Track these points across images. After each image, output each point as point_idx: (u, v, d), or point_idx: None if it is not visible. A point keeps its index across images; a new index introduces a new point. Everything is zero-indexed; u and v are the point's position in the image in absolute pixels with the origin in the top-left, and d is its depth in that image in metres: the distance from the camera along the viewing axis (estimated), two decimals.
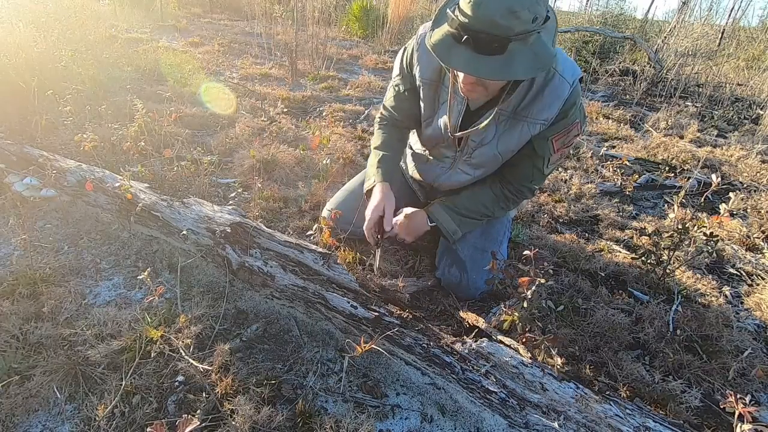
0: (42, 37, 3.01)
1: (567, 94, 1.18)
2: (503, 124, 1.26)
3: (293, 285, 1.26)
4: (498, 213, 1.43)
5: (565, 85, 1.17)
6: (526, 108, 1.21)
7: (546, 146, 1.27)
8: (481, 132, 1.27)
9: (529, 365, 1.06)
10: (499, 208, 1.41)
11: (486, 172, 1.45)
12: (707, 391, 1.23)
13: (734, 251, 1.98)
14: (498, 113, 1.22)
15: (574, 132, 1.26)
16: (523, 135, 1.26)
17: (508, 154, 1.33)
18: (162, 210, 1.53)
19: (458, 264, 1.44)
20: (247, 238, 1.39)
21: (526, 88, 1.19)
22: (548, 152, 1.27)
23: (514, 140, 1.28)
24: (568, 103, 1.19)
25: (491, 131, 1.28)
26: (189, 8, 7.99)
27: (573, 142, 1.28)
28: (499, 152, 1.33)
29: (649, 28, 7.16)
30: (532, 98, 1.19)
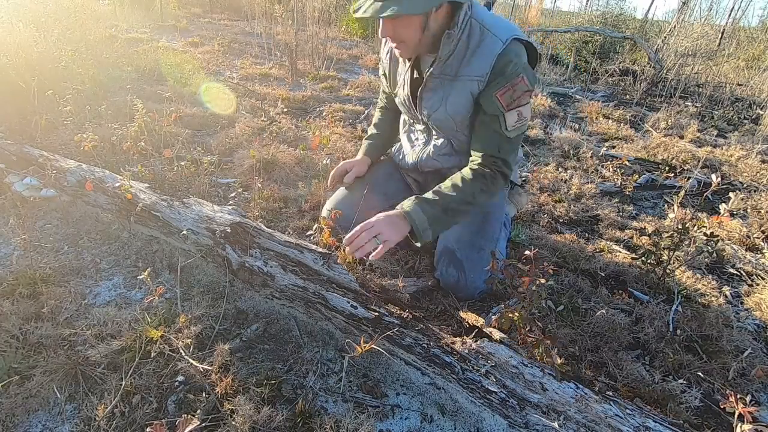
0: (42, 37, 3.01)
1: (499, 49, 1.23)
2: (447, 87, 1.34)
3: (293, 285, 1.26)
4: (479, 197, 1.32)
5: (497, 42, 1.24)
6: (464, 68, 1.29)
7: (493, 103, 1.28)
8: (429, 97, 1.39)
9: (529, 365, 1.06)
10: (478, 189, 1.31)
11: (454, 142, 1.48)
12: (707, 391, 1.23)
13: (734, 251, 1.98)
14: (440, 77, 1.33)
15: (521, 87, 1.26)
16: (464, 94, 1.32)
17: (459, 116, 1.37)
18: (162, 210, 1.53)
19: (456, 264, 1.44)
20: (247, 238, 1.39)
21: (464, 50, 1.28)
22: (498, 109, 1.27)
23: (457, 100, 1.34)
24: (502, 59, 1.24)
25: (438, 95, 1.36)
26: (189, 8, 7.99)
27: (523, 99, 1.27)
28: (449, 115, 1.38)
29: (649, 28, 7.17)
30: (468, 58, 1.28)
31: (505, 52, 1.23)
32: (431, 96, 1.38)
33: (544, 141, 3.23)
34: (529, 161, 2.86)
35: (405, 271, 1.62)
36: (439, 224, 1.27)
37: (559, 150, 3.03)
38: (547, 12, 10.29)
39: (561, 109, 4.14)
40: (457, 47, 1.27)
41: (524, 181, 2.49)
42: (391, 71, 1.53)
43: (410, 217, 1.23)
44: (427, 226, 1.24)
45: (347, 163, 1.68)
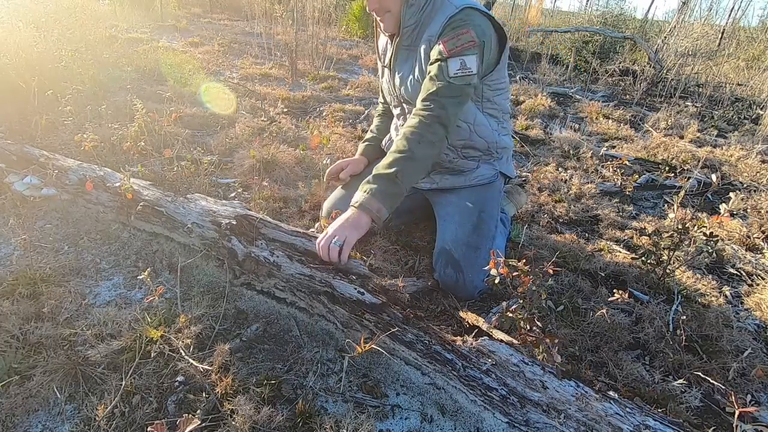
0: (42, 37, 3.01)
1: (451, 12, 1.32)
2: (413, 55, 1.45)
3: (300, 274, 1.26)
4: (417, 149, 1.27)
5: (451, 6, 1.33)
6: (422, 32, 1.41)
7: (437, 50, 1.32)
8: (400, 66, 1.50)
9: (530, 363, 1.06)
10: (416, 143, 1.27)
11: None
12: (707, 391, 1.23)
13: (734, 251, 1.98)
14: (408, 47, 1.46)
15: (465, 37, 1.29)
16: (423, 56, 1.41)
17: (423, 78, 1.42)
18: (166, 205, 1.53)
19: (453, 264, 1.44)
20: (252, 230, 1.39)
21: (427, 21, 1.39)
22: (441, 54, 1.30)
23: (417, 65, 1.44)
24: (453, 18, 1.31)
25: (408, 64, 1.47)
26: (189, 8, 7.99)
27: (467, 47, 1.29)
28: (416, 79, 1.45)
29: (649, 28, 7.17)
30: (426, 25, 1.39)
31: (458, 15, 1.31)
32: (401, 66, 1.49)
33: (544, 141, 3.23)
34: (529, 161, 2.86)
35: (405, 271, 1.62)
36: (391, 198, 1.26)
37: (559, 150, 3.03)
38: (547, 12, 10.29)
39: (561, 109, 4.14)
40: (421, 19, 1.39)
41: (524, 181, 2.49)
42: (382, 56, 1.63)
43: (363, 209, 1.24)
44: (380, 205, 1.24)
45: (343, 161, 1.73)
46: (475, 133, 1.55)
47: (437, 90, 1.31)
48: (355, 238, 1.23)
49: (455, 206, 1.56)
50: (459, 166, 1.61)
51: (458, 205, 1.56)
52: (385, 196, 1.25)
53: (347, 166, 1.71)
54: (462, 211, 1.53)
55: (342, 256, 1.21)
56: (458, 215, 1.53)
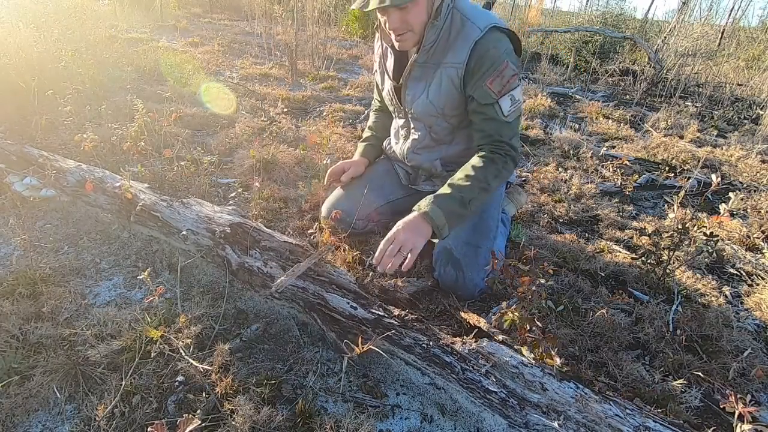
0: (42, 37, 3.01)
1: (477, 36, 1.27)
2: (430, 75, 1.39)
3: (293, 285, 1.26)
4: (494, 182, 1.33)
5: (475, 29, 1.28)
6: (443, 55, 1.35)
7: (485, 92, 1.31)
8: (413, 85, 1.44)
9: (529, 365, 1.06)
10: (491, 174, 1.32)
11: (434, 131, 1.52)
12: (707, 391, 1.23)
13: (734, 251, 1.98)
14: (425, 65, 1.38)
15: (508, 72, 1.30)
16: (444, 80, 1.37)
17: (440, 103, 1.41)
18: (162, 210, 1.53)
19: (453, 263, 1.44)
20: (246, 239, 1.39)
21: (446, 38, 1.33)
22: (491, 98, 1.31)
23: (439, 87, 1.39)
24: (481, 46, 1.28)
25: (422, 84, 1.42)
26: (189, 8, 7.99)
27: (512, 82, 1.32)
28: (430, 101, 1.42)
29: (649, 28, 7.17)
30: (449, 46, 1.33)
31: (484, 39, 1.28)
32: (415, 84, 1.43)
33: (544, 141, 3.23)
34: (529, 161, 2.86)
35: (404, 271, 1.61)
36: (457, 218, 1.29)
37: (559, 150, 3.03)
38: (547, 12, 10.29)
39: (561, 109, 4.14)
40: (439, 36, 1.32)
41: (524, 181, 2.49)
42: (382, 64, 1.58)
43: (429, 217, 1.25)
44: (445, 222, 1.26)
45: (345, 163, 1.71)
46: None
47: (501, 131, 1.34)
48: (421, 247, 1.23)
49: None
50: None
51: None
52: (452, 216, 1.27)
53: (349, 168, 1.69)
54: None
55: (407, 264, 1.20)
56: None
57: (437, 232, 1.26)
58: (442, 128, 1.49)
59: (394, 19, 1.26)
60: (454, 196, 1.28)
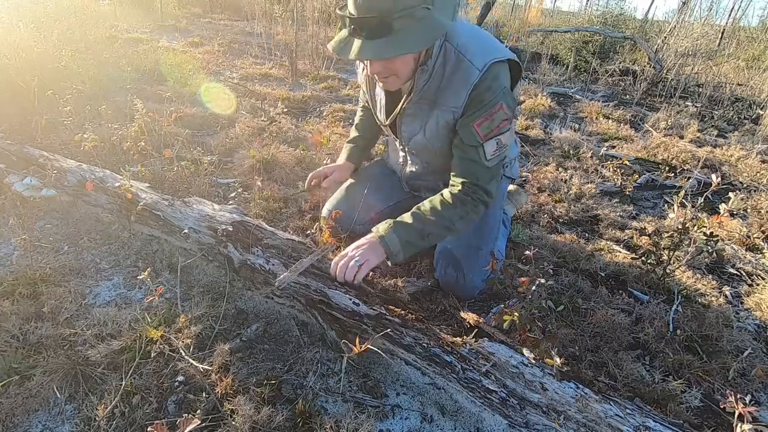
0: (42, 37, 3.01)
1: (475, 79, 1.18)
2: (426, 115, 1.31)
3: (295, 282, 1.26)
4: (458, 224, 1.30)
5: (473, 70, 1.18)
6: (441, 95, 1.25)
7: (471, 134, 1.24)
8: (408, 123, 1.36)
9: (530, 365, 1.06)
10: (457, 216, 1.29)
11: (431, 165, 1.49)
12: (707, 391, 1.23)
13: (734, 251, 1.98)
14: (419, 102, 1.29)
15: (499, 116, 1.22)
16: (440, 123, 1.30)
17: (437, 143, 1.36)
18: (163, 209, 1.53)
19: (454, 264, 1.44)
20: (248, 236, 1.39)
21: (440, 77, 1.23)
22: (475, 140, 1.24)
23: (435, 129, 1.32)
24: (479, 87, 1.19)
25: (417, 123, 1.34)
26: (189, 8, 7.99)
27: (502, 127, 1.24)
28: (427, 140, 1.36)
29: (649, 28, 7.16)
30: (445, 86, 1.24)
31: (483, 81, 1.19)
32: (410, 122, 1.36)
33: (544, 141, 3.23)
34: (529, 161, 2.86)
35: (405, 271, 1.62)
36: (412, 248, 1.27)
37: (559, 150, 3.03)
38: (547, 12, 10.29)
39: (561, 109, 4.14)
40: (432, 75, 1.23)
41: (524, 181, 2.49)
42: (370, 90, 1.48)
43: (384, 242, 1.24)
44: (400, 249, 1.24)
45: (328, 168, 1.67)
46: None
47: (478, 175, 1.29)
48: (374, 264, 1.23)
49: None
50: None
51: None
52: (407, 246, 1.25)
53: (332, 172, 1.65)
54: None
55: (358, 276, 1.21)
56: None
57: (390, 257, 1.25)
58: (441, 162, 1.44)
59: (376, 66, 1.16)
60: (415, 228, 1.26)
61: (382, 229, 1.26)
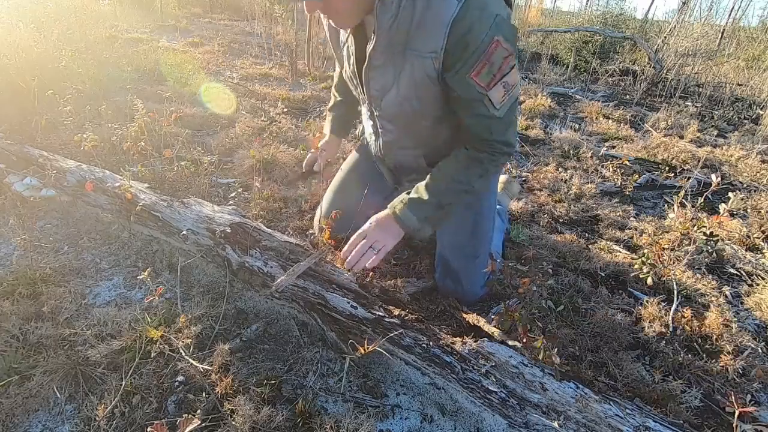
0: (42, 37, 3.01)
1: (452, 13, 0.95)
2: (399, 63, 1.08)
3: (293, 285, 1.26)
4: (477, 183, 1.16)
5: (449, 4, 0.95)
6: (413, 39, 1.03)
7: (469, 86, 1.03)
8: (377, 76, 1.13)
9: (529, 365, 1.06)
10: (476, 175, 1.15)
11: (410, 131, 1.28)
12: (707, 391, 1.23)
13: (734, 251, 1.98)
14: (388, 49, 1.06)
15: (498, 54, 0.99)
16: (416, 73, 1.07)
17: (414, 101, 1.14)
18: (162, 210, 1.53)
19: (452, 276, 1.41)
20: (247, 239, 1.39)
21: (410, 16, 1.00)
22: (476, 92, 1.04)
23: (411, 80, 1.09)
24: (460, 25, 0.95)
25: (389, 73, 1.11)
26: (189, 8, 7.99)
27: (504, 67, 1.02)
28: (402, 98, 1.14)
29: (649, 28, 7.16)
30: (416, 26, 1.01)
31: (462, 15, 0.95)
32: (380, 75, 1.13)
33: (544, 141, 3.23)
34: (529, 161, 2.86)
35: (405, 271, 1.62)
36: (433, 221, 1.18)
37: (559, 150, 3.03)
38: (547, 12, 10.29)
39: (561, 109, 4.14)
40: (399, 12, 1.00)
41: (524, 181, 2.49)
42: (333, 40, 1.26)
43: (400, 221, 1.16)
44: (419, 226, 1.15)
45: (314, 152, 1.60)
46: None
47: (490, 128, 1.11)
48: (392, 246, 1.15)
49: None
50: None
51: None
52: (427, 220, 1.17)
53: (322, 153, 1.56)
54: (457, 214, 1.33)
55: (373, 261, 1.14)
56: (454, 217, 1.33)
57: (413, 234, 1.17)
58: (422, 127, 1.24)
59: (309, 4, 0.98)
60: (430, 202, 1.15)
61: (397, 207, 1.17)
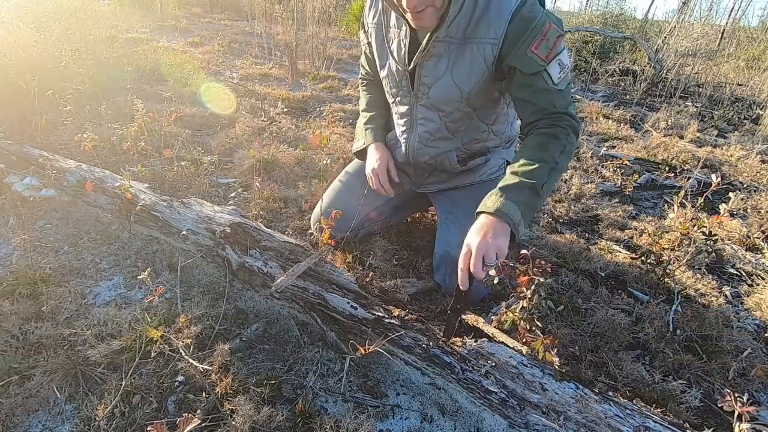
0: (42, 37, 3.01)
1: (514, 5, 1.11)
2: (454, 52, 1.20)
3: (293, 285, 1.26)
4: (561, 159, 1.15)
5: None
6: (474, 29, 1.16)
7: (530, 59, 1.13)
8: (431, 65, 1.24)
9: (529, 365, 1.06)
10: (557, 151, 1.14)
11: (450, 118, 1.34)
12: (707, 391, 1.23)
13: (734, 251, 1.98)
14: (447, 40, 1.18)
15: (553, 33, 1.12)
16: (475, 59, 1.19)
17: (469, 83, 1.24)
18: (162, 210, 1.53)
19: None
20: (246, 239, 1.39)
21: (471, 8, 1.14)
22: (537, 65, 1.13)
23: (467, 66, 1.20)
24: (520, 14, 1.11)
25: (443, 62, 1.22)
26: (189, 8, 7.99)
27: (558, 44, 1.13)
28: (455, 83, 1.24)
29: (649, 28, 7.16)
30: (478, 18, 1.14)
31: (522, 7, 1.11)
32: (434, 64, 1.23)
33: None
34: None
35: (405, 271, 1.62)
36: (531, 209, 1.11)
37: None
38: None
39: None
40: (464, 5, 1.12)
41: None
42: (378, 41, 1.36)
43: (503, 215, 1.06)
44: (521, 218, 1.07)
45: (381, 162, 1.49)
46: (492, 133, 1.45)
47: (554, 102, 1.17)
48: (506, 247, 1.05)
49: (460, 206, 1.47)
50: (468, 165, 1.50)
51: (463, 205, 1.44)
52: (527, 209, 1.09)
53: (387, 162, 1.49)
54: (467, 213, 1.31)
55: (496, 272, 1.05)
56: (463, 217, 1.38)
57: (514, 230, 1.07)
58: (459, 115, 1.32)
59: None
60: (525, 185, 1.09)
61: (494, 204, 1.08)
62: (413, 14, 1.10)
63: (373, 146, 1.53)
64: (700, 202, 1.68)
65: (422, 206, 1.81)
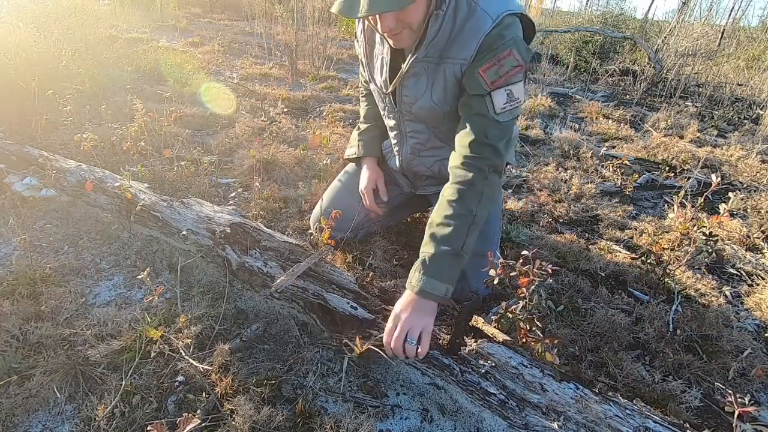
0: (42, 37, 3.01)
1: (487, 28, 1.08)
2: (432, 71, 1.20)
3: (293, 285, 1.26)
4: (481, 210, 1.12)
5: (486, 19, 1.08)
6: (450, 47, 1.15)
7: (476, 81, 1.11)
8: (411, 84, 1.24)
9: (529, 366, 1.06)
10: (473, 201, 1.11)
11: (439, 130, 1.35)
12: (707, 391, 1.23)
13: (734, 251, 1.98)
14: (425, 59, 1.18)
15: (509, 62, 1.09)
16: (448, 77, 1.18)
17: (445, 104, 1.24)
18: (162, 210, 1.53)
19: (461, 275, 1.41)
20: (246, 239, 1.39)
21: (450, 29, 1.13)
22: (481, 88, 1.11)
23: (442, 86, 1.20)
24: (490, 36, 1.09)
25: (423, 81, 1.23)
26: (189, 8, 7.99)
27: (512, 75, 1.10)
28: (434, 102, 1.24)
29: (649, 28, 7.16)
30: (454, 38, 1.13)
31: (496, 30, 1.09)
32: (414, 83, 1.24)
33: (544, 141, 3.23)
34: (529, 161, 2.86)
35: (405, 271, 1.61)
36: (456, 273, 1.10)
37: (559, 150, 3.03)
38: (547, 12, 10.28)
39: (561, 109, 4.14)
40: (442, 26, 1.12)
41: (524, 181, 2.49)
42: (368, 53, 1.36)
43: (429, 295, 1.06)
44: (445, 289, 1.07)
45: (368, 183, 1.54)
46: None
47: (486, 131, 1.12)
48: (431, 324, 1.06)
49: None
50: None
51: None
52: (450, 276, 1.08)
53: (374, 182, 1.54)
54: None
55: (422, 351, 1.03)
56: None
57: (442, 301, 1.09)
58: (447, 127, 1.32)
59: (388, 19, 1.06)
60: (445, 253, 1.08)
61: (417, 284, 1.07)
62: (390, 36, 1.13)
63: (364, 164, 1.59)
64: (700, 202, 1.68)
65: (422, 206, 1.82)
